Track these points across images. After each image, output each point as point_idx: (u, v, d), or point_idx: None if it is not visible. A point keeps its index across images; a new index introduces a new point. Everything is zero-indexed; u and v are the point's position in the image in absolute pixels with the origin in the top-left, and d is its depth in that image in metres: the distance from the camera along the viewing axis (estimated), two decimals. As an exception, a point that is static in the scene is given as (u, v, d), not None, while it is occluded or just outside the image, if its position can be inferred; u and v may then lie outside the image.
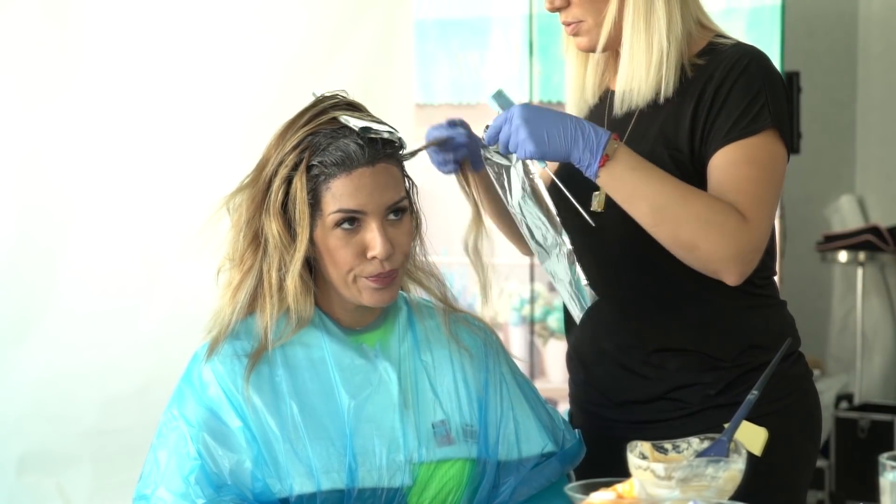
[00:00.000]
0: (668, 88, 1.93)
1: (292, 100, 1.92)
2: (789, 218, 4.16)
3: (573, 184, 1.98)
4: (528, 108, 1.85)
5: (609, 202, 1.94)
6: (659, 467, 1.51)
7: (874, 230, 4.90)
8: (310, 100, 1.86)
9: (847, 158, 5.45)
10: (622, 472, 1.52)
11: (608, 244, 1.98)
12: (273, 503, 1.75)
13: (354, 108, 1.84)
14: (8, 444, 3.62)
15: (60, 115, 3.67)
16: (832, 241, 4.98)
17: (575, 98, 2.09)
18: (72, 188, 3.70)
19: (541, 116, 1.83)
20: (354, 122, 1.80)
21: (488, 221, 2.05)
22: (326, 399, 1.80)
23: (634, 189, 1.83)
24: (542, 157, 1.84)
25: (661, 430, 1.92)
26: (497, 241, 2.07)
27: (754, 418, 1.85)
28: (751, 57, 1.93)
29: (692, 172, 1.91)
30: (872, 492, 1.53)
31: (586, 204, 1.94)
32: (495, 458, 1.86)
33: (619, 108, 1.96)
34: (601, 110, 2.07)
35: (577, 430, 1.98)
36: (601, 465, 1.78)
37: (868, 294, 5.03)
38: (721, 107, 1.89)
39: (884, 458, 1.43)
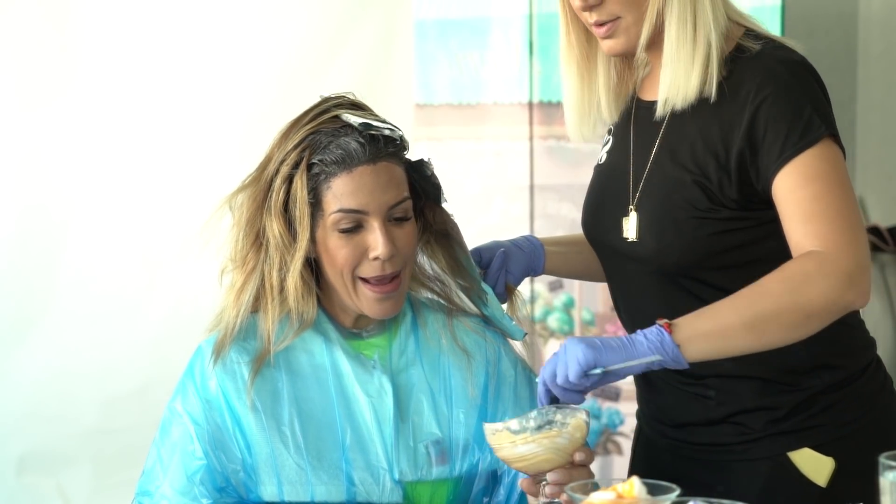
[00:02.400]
0: (711, 87, 1.78)
1: (292, 100, 1.92)
2: (789, 218, 4.15)
3: (601, 213, 1.89)
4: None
5: (641, 230, 1.84)
6: (513, 423, 1.64)
7: (874, 230, 4.90)
8: (314, 100, 1.85)
9: (847, 158, 5.43)
10: (685, 488, 1.46)
11: (647, 274, 1.87)
12: None
13: (358, 107, 1.83)
14: (8, 444, 3.63)
15: (60, 115, 3.67)
16: (832, 241, 4.97)
17: (578, 117, 1.94)
18: (72, 188, 3.70)
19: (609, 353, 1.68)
20: (355, 119, 1.78)
21: None
22: (325, 408, 1.79)
23: (719, 340, 1.70)
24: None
25: (723, 454, 1.87)
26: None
27: (820, 445, 1.80)
28: (781, 67, 1.79)
29: (720, 199, 1.79)
30: (873, 492, 1.53)
31: (618, 230, 1.86)
32: (489, 468, 1.83)
33: (661, 110, 1.82)
34: (628, 118, 1.93)
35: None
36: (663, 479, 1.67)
37: (868, 294, 5.03)
38: (764, 131, 1.76)
39: (884, 458, 1.43)
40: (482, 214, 3.92)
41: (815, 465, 1.78)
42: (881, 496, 1.44)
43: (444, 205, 1.89)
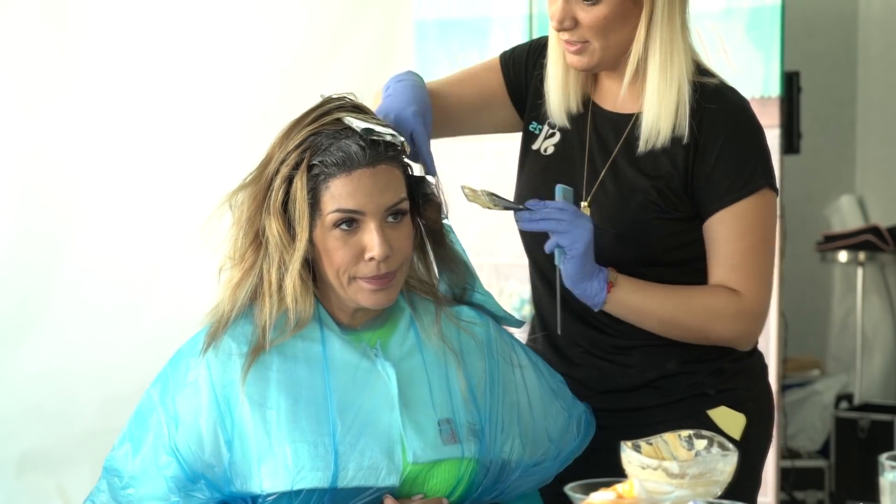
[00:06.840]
0: (683, 128, 1.96)
1: (293, 100, 1.92)
2: (789, 218, 4.16)
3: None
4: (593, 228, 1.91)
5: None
6: (673, 465, 1.54)
7: (874, 230, 4.91)
8: (314, 100, 1.85)
9: (847, 158, 5.45)
10: (597, 458, 1.47)
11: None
12: (245, 498, 1.76)
13: (360, 110, 1.84)
14: (8, 443, 3.62)
15: (62, 115, 3.67)
16: (832, 241, 4.98)
17: (559, 107, 2.07)
18: (73, 188, 3.70)
19: (592, 245, 1.90)
20: (357, 124, 1.79)
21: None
22: (318, 394, 1.80)
23: (641, 309, 1.97)
24: (567, 266, 1.90)
25: (642, 417, 2.00)
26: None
27: (734, 406, 2.03)
28: (738, 111, 2.00)
29: (674, 203, 1.98)
30: (872, 492, 1.54)
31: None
32: (499, 458, 1.84)
33: (643, 146, 1.98)
34: (583, 120, 2.07)
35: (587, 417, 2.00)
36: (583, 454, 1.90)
37: (868, 294, 5.03)
38: (714, 166, 1.96)
39: (884, 458, 1.44)
40: (482, 214, 3.91)
41: (731, 421, 2.00)
42: (881, 496, 1.44)
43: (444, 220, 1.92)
